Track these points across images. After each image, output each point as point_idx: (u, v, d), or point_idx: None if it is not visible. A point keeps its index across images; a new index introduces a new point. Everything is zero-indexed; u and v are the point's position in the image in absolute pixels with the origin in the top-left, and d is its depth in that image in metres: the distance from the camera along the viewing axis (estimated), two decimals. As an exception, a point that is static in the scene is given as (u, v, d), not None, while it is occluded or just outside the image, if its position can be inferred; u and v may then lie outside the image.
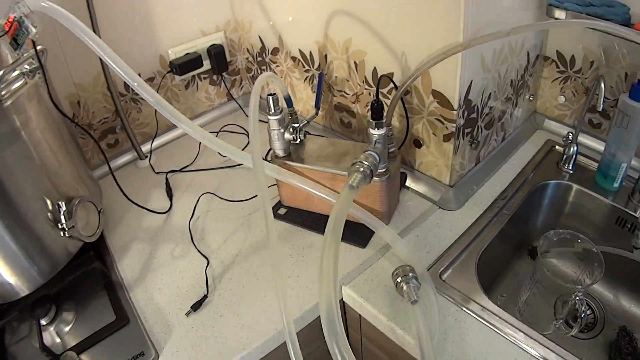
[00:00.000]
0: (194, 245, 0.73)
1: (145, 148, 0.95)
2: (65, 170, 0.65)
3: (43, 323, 0.64)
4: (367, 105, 0.80)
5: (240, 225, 0.76)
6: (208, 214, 0.79)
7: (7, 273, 0.58)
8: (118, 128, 0.93)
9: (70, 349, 0.59)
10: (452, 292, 0.60)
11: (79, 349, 0.60)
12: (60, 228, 0.61)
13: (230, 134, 1.00)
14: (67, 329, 0.64)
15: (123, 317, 0.63)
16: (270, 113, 0.66)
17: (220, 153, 0.63)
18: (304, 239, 0.71)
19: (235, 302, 0.63)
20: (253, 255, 0.70)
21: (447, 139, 0.69)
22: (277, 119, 0.67)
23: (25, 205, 0.57)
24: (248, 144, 0.97)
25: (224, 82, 1.06)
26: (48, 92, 0.62)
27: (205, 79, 1.02)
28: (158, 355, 0.58)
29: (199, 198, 0.82)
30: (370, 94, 0.77)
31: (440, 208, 0.73)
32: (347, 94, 0.82)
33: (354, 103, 0.82)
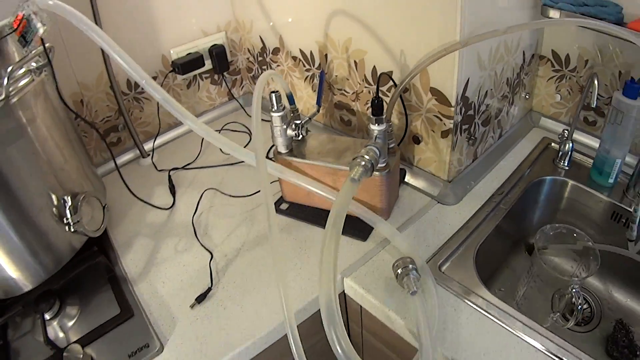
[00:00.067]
0: (198, 240, 0.74)
1: (147, 147, 0.96)
2: (71, 167, 0.66)
3: (47, 317, 0.64)
4: (366, 103, 0.81)
5: (243, 220, 0.77)
6: (211, 210, 0.80)
7: (11, 268, 0.58)
8: (120, 127, 0.94)
9: (75, 342, 0.59)
10: (451, 283, 0.61)
11: (84, 342, 0.60)
12: (66, 223, 0.61)
13: (232, 132, 1.01)
14: (70, 324, 0.64)
15: (127, 310, 0.64)
16: (273, 110, 0.68)
17: (222, 149, 0.64)
18: (306, 233, 0.73)
19: (239, 294, 0.64)
20: (256, 249, 0.71)
21: (445, 135, 0.71)
22: (279, 116, 0.68)
23: (31, 201, 0.58)
24: (249, 142, 0.98)
25: (225, 81, 1.07)
26: (56, 87, 0.63)
27: (207, 79, 1.03)
28: (163, 347, 0.59)
29: (202, 194, 0.83)
30: (370, 92, 0.79)
31: (439, 203, 0.75)
32: (347, 93, 0.84)
33: (354, 101, 0.84)
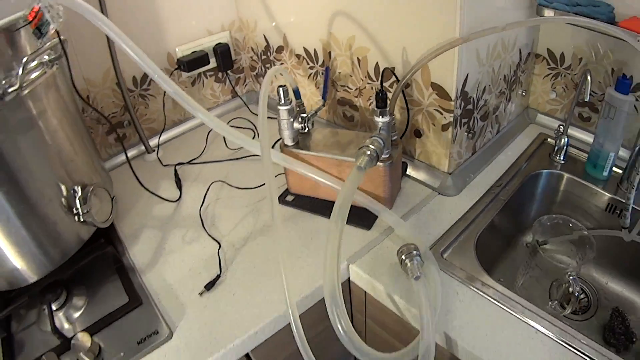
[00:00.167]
0: (205, 231, 0.75)
1: (152, 143, 0.98)
2: (80, 159, 0.66)
3: (53, 308, 0.64)
4: (369, 99, 0.84)
5: (250, 212, 0.78)
6: (218, 202, 0.81)
7: (16, 259, 0.59)
8: (126, 123, 0.95)
9: (84, 331, 0.59)
10: (453, 268, 0.63)
11: (92, 331, 0.60)
12: (75, 213, 0.62)
13: (237, 129, 1.02)
14: (77, 314, 0.64)
15: (136, 298, 0.64)
16: (280, 104, 0.70)
17: (226, 142, 0.66)
18: (312, 223, 0.74)
19: (248, 281, 0.65)
20: (264, 238, 0.73)
21: (445, 129, 0.73)
22: (287, 109, 0.70)
23: (41, 191, 0.58)
24: (254, 137, 0.99)
25: (229, 79, 1.09)
26: (71, 78, 0.64)
27: (211, 77, 1.05)
28: (172, 333, 0.59)
29: (209, 186, 0.84)
30: (373, 88, 0.81)
31: (440, 194, 0.77)
32: (350, 89, 0.86)
33: (357, 97, 0.86)
